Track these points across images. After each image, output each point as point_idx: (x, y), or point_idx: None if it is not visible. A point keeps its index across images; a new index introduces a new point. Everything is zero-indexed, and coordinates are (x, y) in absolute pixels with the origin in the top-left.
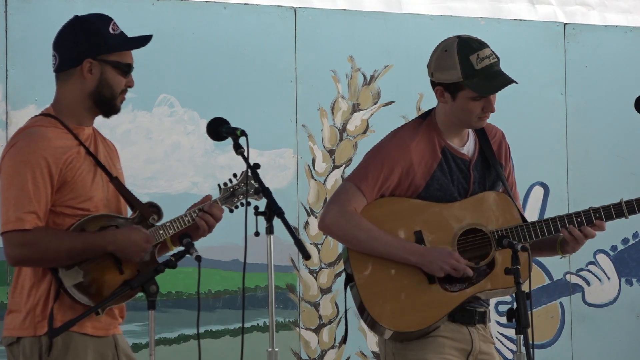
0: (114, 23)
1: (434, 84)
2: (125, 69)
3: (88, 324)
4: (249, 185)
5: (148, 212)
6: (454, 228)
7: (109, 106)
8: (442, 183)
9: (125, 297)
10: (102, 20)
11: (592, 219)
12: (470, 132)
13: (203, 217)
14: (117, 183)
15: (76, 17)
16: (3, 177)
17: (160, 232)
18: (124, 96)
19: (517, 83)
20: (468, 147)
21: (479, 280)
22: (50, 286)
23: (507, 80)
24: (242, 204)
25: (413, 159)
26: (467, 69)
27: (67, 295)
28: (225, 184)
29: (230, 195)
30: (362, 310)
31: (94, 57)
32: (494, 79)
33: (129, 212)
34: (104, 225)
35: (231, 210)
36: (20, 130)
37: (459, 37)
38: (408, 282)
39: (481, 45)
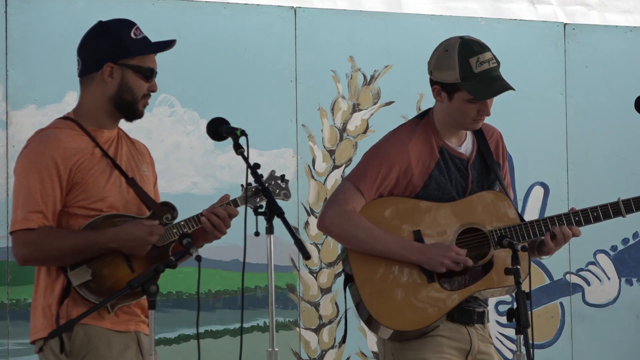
0: (137, 28)
1: (432, 82)
2: (147, 74)
3: (106, 320)
4: (277, 187)
5: (162, 211)
6: (453, 227)
7: (131, 110)
8: (440, 182)
9: (130, 297)
10: (124, 25)
11: (590, 218)
12: (468, 131)
13: (207, 216)
14: (132, 184)
15: (100, 22)
16: (15, 178)
17: (174, 230)
18: (146, 100)
19: (514, 90)
20: (466, 146)
21: (478, 280)
22: (63, 286)
23: (504, 87)
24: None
25: (411, 159)
26: (466, 71)
27: (77, 294)
28: (249, 184)
29: (253, 194)
30: (361, 309)
31: (114, 62)
32: (492, 83)
33: None
34: (115, 224)
35: (255, 210)
36: (36, 132)
37: (461, 38)
38: (407, 281)
39: (483, 48)
